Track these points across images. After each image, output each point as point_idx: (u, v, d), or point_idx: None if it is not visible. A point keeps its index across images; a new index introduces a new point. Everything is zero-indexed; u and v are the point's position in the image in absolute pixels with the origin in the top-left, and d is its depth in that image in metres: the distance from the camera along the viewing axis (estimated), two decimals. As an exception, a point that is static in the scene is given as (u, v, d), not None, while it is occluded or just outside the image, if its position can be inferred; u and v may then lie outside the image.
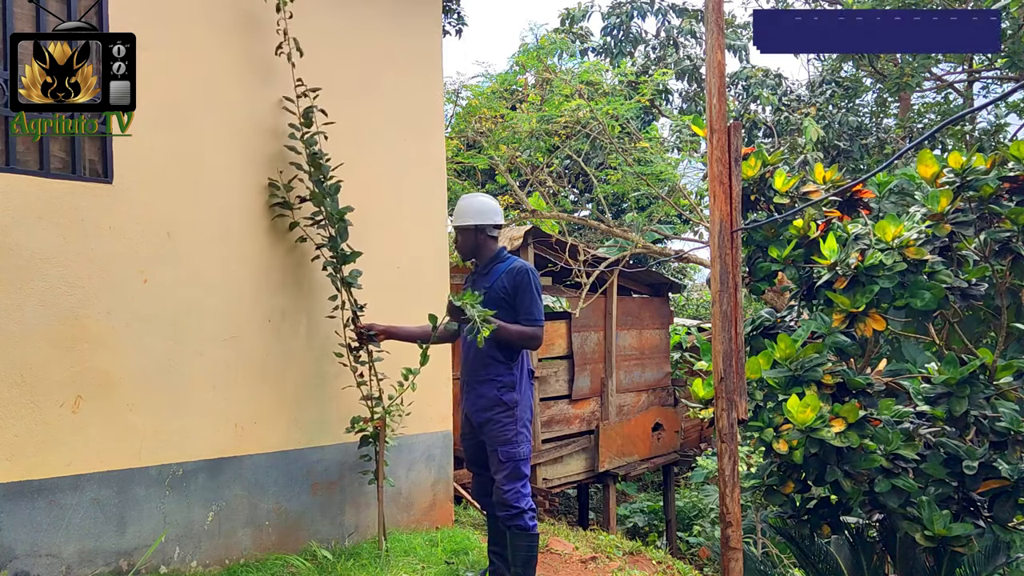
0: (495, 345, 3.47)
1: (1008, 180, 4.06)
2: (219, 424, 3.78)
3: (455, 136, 10.07)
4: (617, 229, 10.83)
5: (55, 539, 3.22)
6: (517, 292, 3.47)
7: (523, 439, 3.50)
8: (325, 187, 3.94)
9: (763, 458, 4.35)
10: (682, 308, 15.79)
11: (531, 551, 3.48)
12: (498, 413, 3.48)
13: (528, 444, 3.54)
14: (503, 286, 3.50)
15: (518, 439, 3.47)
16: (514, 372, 3.52)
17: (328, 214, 3.95)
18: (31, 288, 3.18)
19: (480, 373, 3.54)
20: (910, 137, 12.64)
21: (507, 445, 3.46)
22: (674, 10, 15.30)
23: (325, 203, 3.93)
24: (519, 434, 3.48)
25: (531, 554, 3.48)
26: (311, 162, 3.93)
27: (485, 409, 3.51)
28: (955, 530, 3.76)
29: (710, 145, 3.51)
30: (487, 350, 3.49)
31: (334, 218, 3.95)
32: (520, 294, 3.47)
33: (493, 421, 3.49)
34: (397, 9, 4.73)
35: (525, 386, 3.56)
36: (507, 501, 3.43)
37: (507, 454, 3.45)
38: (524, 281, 3.47)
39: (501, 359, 3.50)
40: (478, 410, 3.55)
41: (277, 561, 3.83)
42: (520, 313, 3.47)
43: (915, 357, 5.12)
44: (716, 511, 8.95)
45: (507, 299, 3.48)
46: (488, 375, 3.51)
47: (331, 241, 3.97)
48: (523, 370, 3.57)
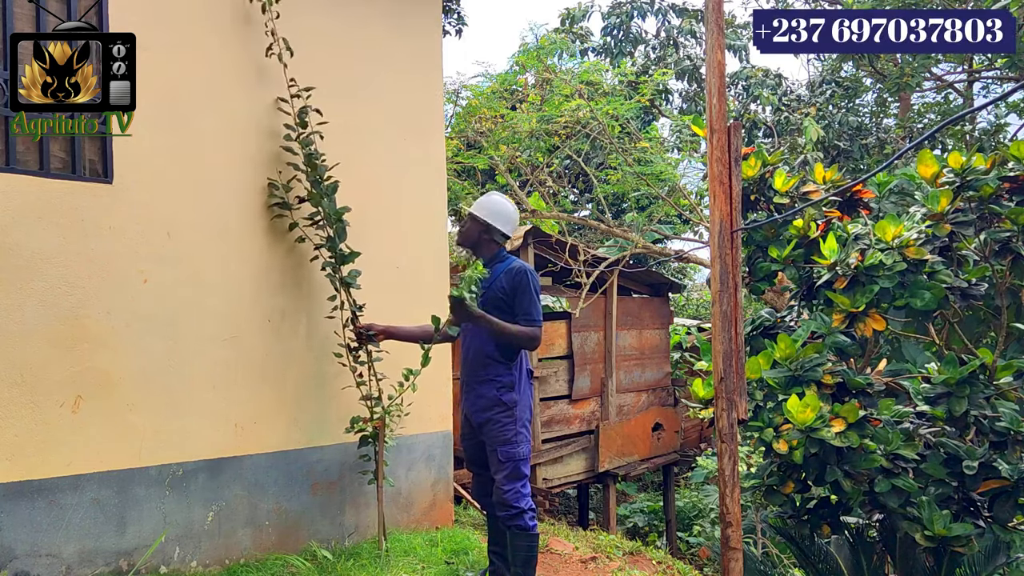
0: (494, 345, 3.48)
1: (1008, 180, 4.06)
2: (219, 424, 3.78)
3: (455, 136, 10.07)
4: (617, 229, 10.83)
5: (55, 539, 3.22)
6: (516, 293, 3.46)
7: (522, 439, 3.50)
8: (322, 187, 3.94)
9: (763, 458, 4.35)
10: (682, 308, 15.80)
11: (531, 551, 3.48)
12: (497, 413, 3.48)
13: (528, 444, 3.54)
14: (501, 286, 3.50)
15: (517, 439, 3.47)
16: (513, 372, 3.51)
17: (326, 214, 3.94)
18: (31, 288, 3.18)
19: (479, 373, 3.54)
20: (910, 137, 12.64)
21: (506, 445, 3.46)
22: (674, 10, 15.30)
23: (323, 203, 3.92)
24: (518, 434, 3.48)
25: (531, 554, 3.48)
26: (307, 162, 3.93)
27: (484, 409, 3.51)
28: (955, 530, 3.75)
29: (710, 145, 3.51)
30: (486, 350, 3.49)
31: (332, 218, 3.95)
32: (519, 295, 3.46)
33: (492, 421, 3.49)
34: (397, 9, 4.73)
35: (524, 386, 3.56)
36: (507, 501, 3.43)
37: (507, 454, 3.45)
38: (523, 282, 3.47)
39: (500, 359, 3.50)
40: (477, 410, 3.55)
41: (277, 561, 3.83)
42: (518, 314, 3.46)
43: (915, 357, 5.12)
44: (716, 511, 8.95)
45: (505, 299, 3.48)
46: (487, 375, 3.51)
47: (329, 241, 3.96)
48: (522, 370, 3.57)
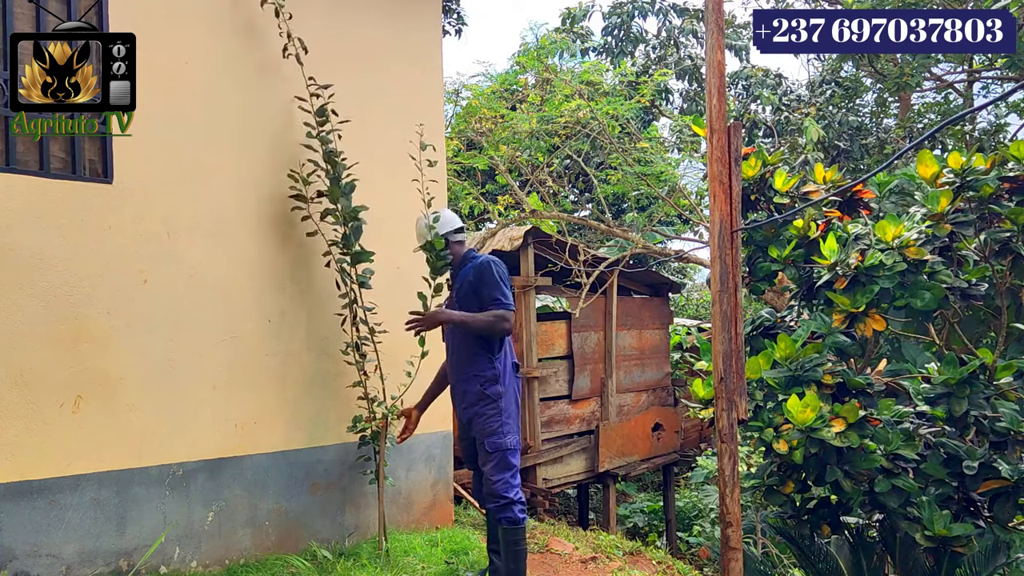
0: (473, 338, 3.58)
1: (1008, 180, 4.05)
2: (219, 424, 3.78)
3: (455, 136, 10.07)
4: (617, 229, 10.83)
5: (55, 539, 3.22)
6: (480, 283, 3.58)
7: (509, 430, 3.57)
8: (341, 185, 3.96)
9: (763, 458, 4.35)
10: (682, 308, 15.80)
11: (518, 544, 3.52)
12: (483, 407, 3.57)
13: (515, 435, 3.61)
14: (470, 281, 3.63)
15: (504, 430, 3.54)
16: (496, 366, 3.60)
17: (343, 212, 3.96)
18: (31, 288, 3.18)
19: (464, 370, 3.64)
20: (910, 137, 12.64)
21: (493, 436, 3.53)
22: (675, 10, 15.28)
23: (340, 201, 3.95)
24: (504, 424, 3.55)
25: (519, 548, 3.53)
26: (327, 159, 3.95)
27: (471, 405, 3.61)
28: (955, 530, 3.75)
29: (710, 145, 3.50)
30: (468, 344, 3.60)
31: (348, 216, 3.96)
32: (482, 285, 3.58)
33: (479, 415, 3.58)
34: (396, 8, 4.73)
35: (509, 379, 3.65)
36: (496, 491, 3.49)
37: (493, 444, 3.52)
38: (484, 271, 3.59)
39: (481, 351, 3.59)
40: (465, 407, 3.66)
41: (277, 561, 3.84)
42: (484, 300, 3.56)
43: (915, 357, 5.11)
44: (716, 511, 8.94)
45: (475, 292, 3.60)
46: (472, 371, 3.60)
47: (344, 240, 3.98)
48: (506, 363, 3.65)
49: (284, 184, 4.05)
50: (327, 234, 4.06)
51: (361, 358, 4.05)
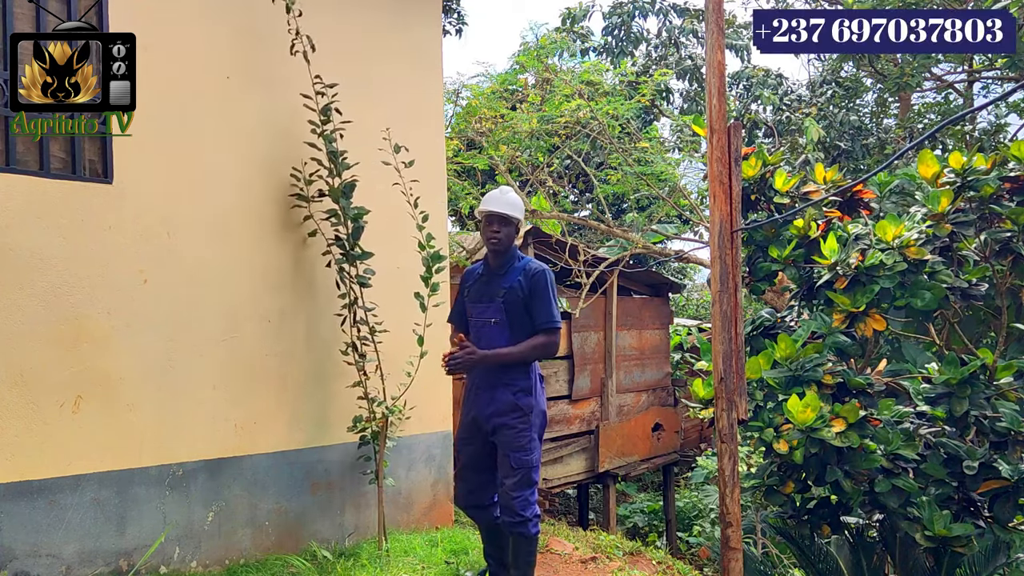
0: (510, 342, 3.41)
1: (1008, 180, 4.06)
2: (219, 424, 3.78)
3: (455, 136, 10.06)
4: (617, 229, 10.83)
5: (55, 539, 3.22)
6: (533, 296, 3.41)
7: (535, 446, 3.46)
8: (342, 185, 3.95)
9: (763, 458, 4.35)
10: (682, 308, 15.80)
11: (531, 555, 3.49)
12: (514, 418, 3.41)
13: (539, 451, 3.50)
14: (521, 289, 3.42)
15: (531, 446, 3.43)
16: (530, 376, 3.47)
17: (343, 212, 3.96)
18: (31, 288, 3.18)
19: (497, 376, 3.44)
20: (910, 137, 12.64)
21: (520, 452, 3.40)
22: (675, 10, 15.28)
23: (341, 201, 3.94)
24: (532, 440, 3.44)
25: (531, 559, 3.50)
26: (330, 159, 3.95)
27: (501, 414, 3.42)
28: (955, 530, 3.75)
29: (710, 145, 3.50)
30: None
31: (349, 216, 3.96)
32: (535, 299, 3.40)
33: (508, 426, 3.41)
34: (396, 8, 4.73)
35: (539, 391, 3.51)
36: (514, 508, 3.39)
37: (519, 460, 3.39)
38: (540, 284, 3.41)
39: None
40: (492, 414, 3.44)
41: (277, 561, 3.83)
42: (535, 318, 3.41)
43: (915, 357, 5.11)
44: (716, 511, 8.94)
45: (525, 304, 3.42)
46: (506, 379, 3.43)
47: (345, 240, 3.98)
48: (536, 374, 3.52)
49: (284, 184, 4.06)
50: (327, 234, 4.06)
51: (361, 358, 4.05)
